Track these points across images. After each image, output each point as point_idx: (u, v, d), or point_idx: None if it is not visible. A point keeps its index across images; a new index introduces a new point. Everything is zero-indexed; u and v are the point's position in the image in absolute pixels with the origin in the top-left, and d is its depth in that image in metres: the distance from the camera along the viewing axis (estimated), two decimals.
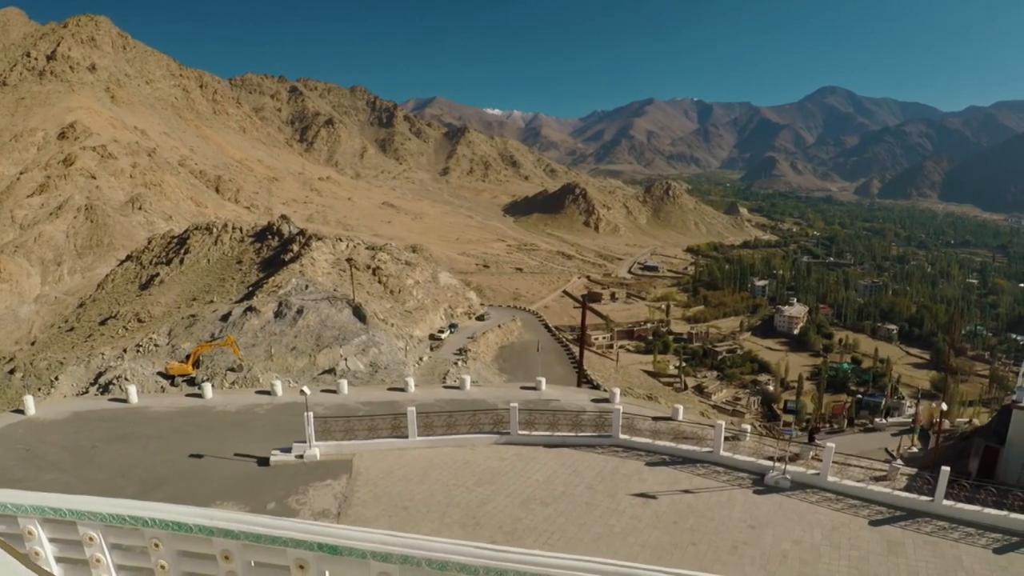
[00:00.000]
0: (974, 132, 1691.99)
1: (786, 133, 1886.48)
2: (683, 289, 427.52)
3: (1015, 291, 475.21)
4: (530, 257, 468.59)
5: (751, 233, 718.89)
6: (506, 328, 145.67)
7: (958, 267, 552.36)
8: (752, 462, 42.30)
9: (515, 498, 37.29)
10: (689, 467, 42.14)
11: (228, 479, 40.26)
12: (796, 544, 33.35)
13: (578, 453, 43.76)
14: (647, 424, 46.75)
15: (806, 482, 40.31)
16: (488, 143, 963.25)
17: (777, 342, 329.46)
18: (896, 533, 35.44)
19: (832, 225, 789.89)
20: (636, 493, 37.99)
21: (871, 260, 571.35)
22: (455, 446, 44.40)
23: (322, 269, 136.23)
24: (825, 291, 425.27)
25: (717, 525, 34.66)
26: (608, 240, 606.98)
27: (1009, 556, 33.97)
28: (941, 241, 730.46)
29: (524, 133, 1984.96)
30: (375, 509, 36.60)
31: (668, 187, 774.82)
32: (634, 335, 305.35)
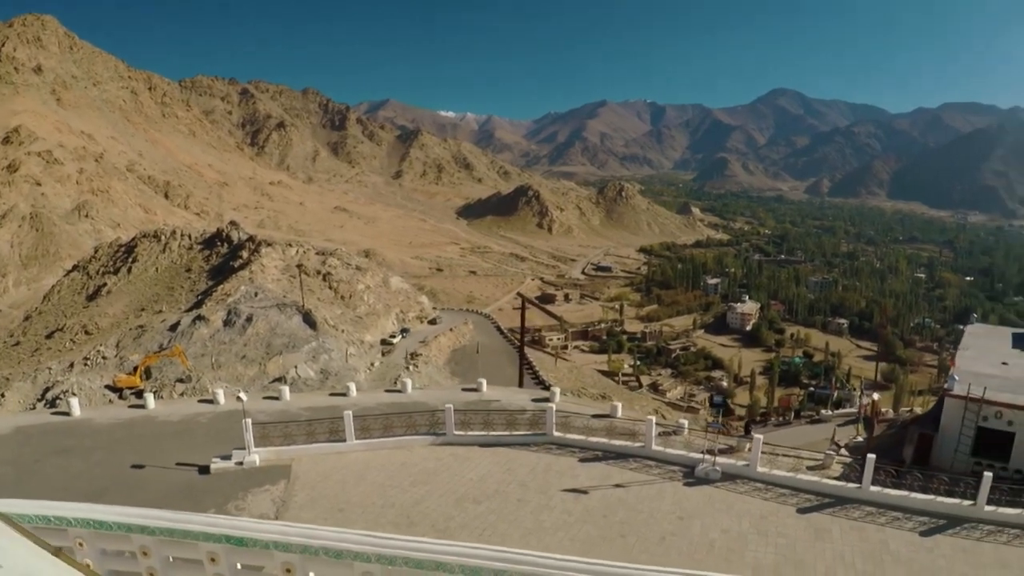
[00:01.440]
0: (921, 133, 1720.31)
1: (738, 134, 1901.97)
2: (636, 289, 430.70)
3: (961, 284, 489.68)
4: (483, 260, 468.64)
5: (703, 232, 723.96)
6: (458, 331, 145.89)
7: (906, 262, 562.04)
8: (683, 455, 42.97)
9: (449, 497, 37.70)
10: (622, 462, 42.76)
11: (169, 488, 40.27)
12: (724, 533, 34.12)
13: (513, 451, 44.27)
14: (585, 421, 47.19)
15: (736, 473, 41.15)
16: (441, 146, 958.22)
17: (730, 339, 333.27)
18: (823, 520, 36.40)
19: (783, 223, 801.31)
20: (568, 489, 38.53)
21: (821, 257, 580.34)
22: (392, 448, 44.61)
23: (272, 276, 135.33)
24: (776, 288, 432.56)
25: (646, 517, 35.33)
26: (561, 241, 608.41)
27: (935, 538, 35.09)
28: (889, 238, 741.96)
29: (478, 135, 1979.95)
30: (312, 512, 36.82)
31: (621, 188, 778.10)
32: (588, 335, 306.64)
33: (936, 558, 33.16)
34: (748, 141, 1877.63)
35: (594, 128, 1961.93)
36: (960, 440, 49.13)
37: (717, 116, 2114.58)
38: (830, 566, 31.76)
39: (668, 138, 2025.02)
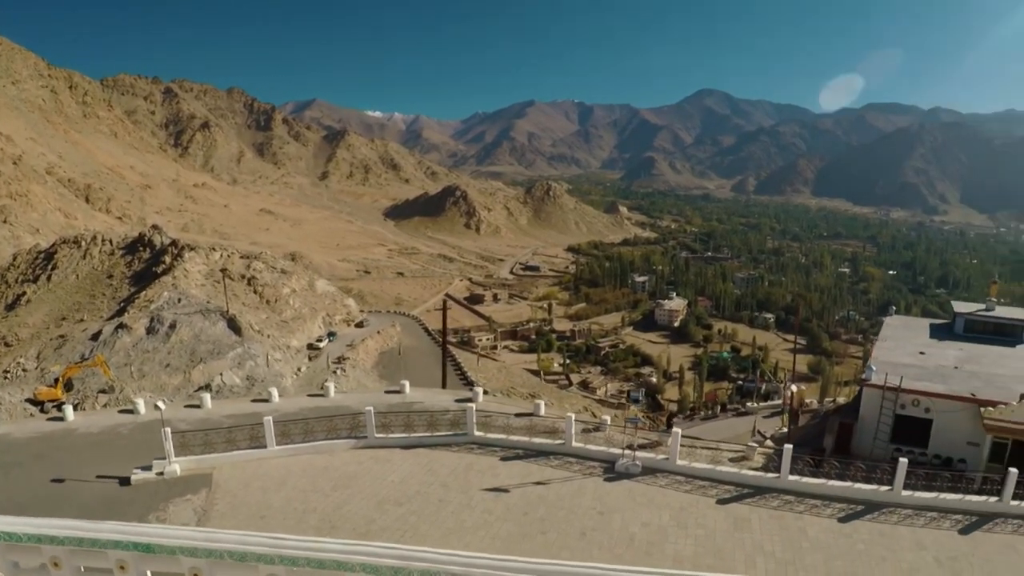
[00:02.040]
0: (845, 132, 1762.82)
1: (665, 134, 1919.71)
2: (565, 288, 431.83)
3: (884, 278, 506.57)
4: (411, 261, 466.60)
5: (631, 231, 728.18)
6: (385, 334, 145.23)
7: (830, 257, 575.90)
8: (604, 451, 43.35)
9: (370, 500, 37.47)
10: (543, 459, 42.96)
11: (90, 501, 39.43)
12: (644, 527, 34.44)
13: (434, 452, 44.19)
14: (507, 420, 47.38)
15: (656, 467, 41.59)
16: (368, 146, 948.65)
17: (659, 335, 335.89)
18: (743, 510, 36.99)
19: (710, 221, 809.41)
20: (489, 488, 38.61)
21: (747, 253, 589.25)
22: (313, 453, 44.24)
23: (196, 281, 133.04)
24: (704, 284, 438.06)
25: (567, 513, 35.50)
26: (489, 241, 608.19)
27: (854, 524, 35.89)
28: (814, 234, 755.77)
29: (405, 135, 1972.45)
30: (233, 520, 36.30)
31: (549, 188, 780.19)
32: (518, 335, 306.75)
33: (855, 543, 33.87)
34: (675, 140, 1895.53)
35: (522, 128, 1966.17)
36: (879, 428, 50.54)
37: (644, 116, 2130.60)
38: (749, 555, 32.30)
39: (596, 138, 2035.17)
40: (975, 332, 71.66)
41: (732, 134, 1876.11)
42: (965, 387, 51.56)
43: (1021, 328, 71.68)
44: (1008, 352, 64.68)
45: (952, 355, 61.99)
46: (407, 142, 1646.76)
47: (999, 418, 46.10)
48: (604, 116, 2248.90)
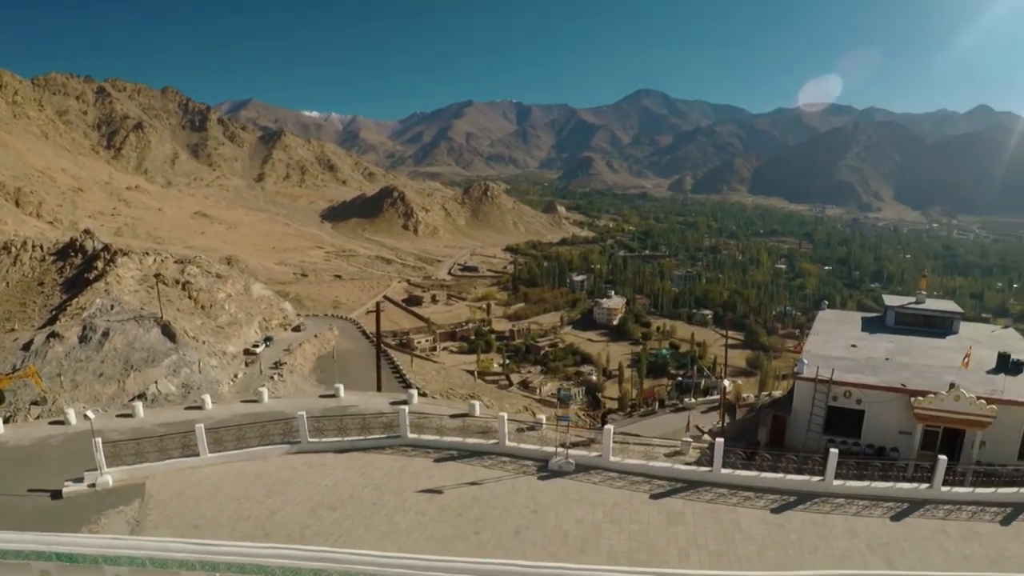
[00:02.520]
0: (781, 132, 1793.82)
1: (603, 133, 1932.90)
2: (503, 288, 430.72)
3: (820, 273, 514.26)
4: (349, 263, 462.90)
5: (569, 230, 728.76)
6: (323, 338, 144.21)
7: (767, 255, 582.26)
8: (537, 450, 43.52)
9: (304, 506, 37.13)
10: (477, 460, 43.01)
11: (21, 516, 38.30)
12: (578, 523, 34.61)
13: (368, 456, 43.94)
14: (442, 422, 47.39)
15: (590, 464, 41.85)
16: (305, 147, 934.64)
17: (598, 334, 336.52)
18: (676, 504, 37.39)
19: (647, 220, 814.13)
20: (423, 489, 38.48)
21: (685, 251, 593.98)
22: (247, 459, 43.68)
23: (129, 287, 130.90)
24: (642, 282, 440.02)
25: (501, 513, 35.58)
26: (427, 243, 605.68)
27: (786, 514, 36.56)
28: (751, 231, 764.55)
29: (342, 136, 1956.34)
30: (167, 530, 35.54)
31: (487, 188, 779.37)
32: (457, 336, 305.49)
33: (787, 533, 34.49)
34: (613, 140, 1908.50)
35: (460, 128, 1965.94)
36: (811, 420, 51.50)
37: (582, 116, 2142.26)
38: (683, 548, 32.61)
39: (534, 138, 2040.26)
40: (906, 324, 73.16)
41: (669, 134, 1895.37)
42: (896, 378, 52.80)
43: (950, 320, 73.40)
44: (938, 343, 66.32)
45: (883, 347, 63.42)
46: (344, 143, 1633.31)
47: (929, 407, 47.42)
48: (542, 116, 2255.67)
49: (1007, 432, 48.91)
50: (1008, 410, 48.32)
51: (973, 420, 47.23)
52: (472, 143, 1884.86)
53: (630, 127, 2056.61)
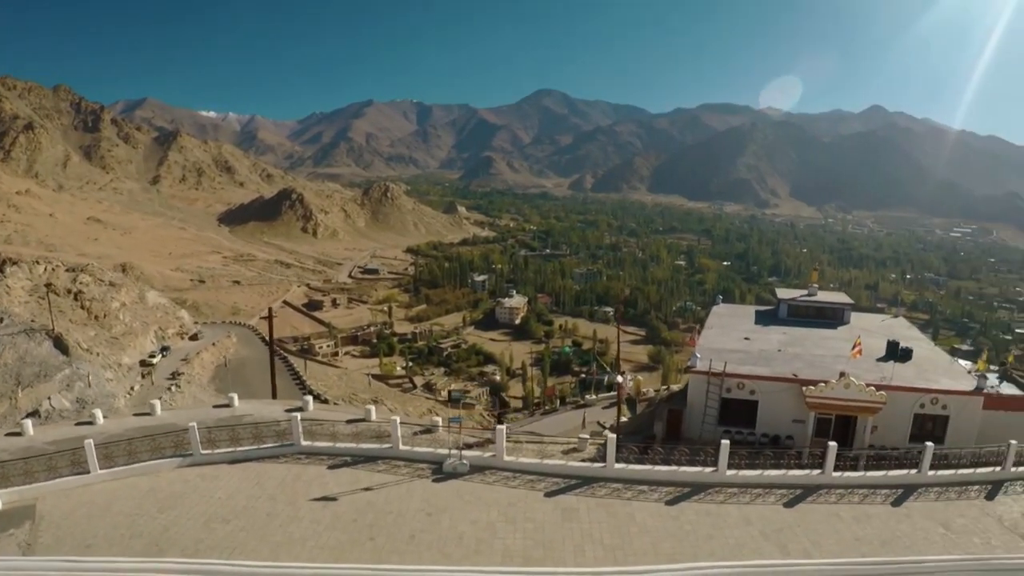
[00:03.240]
0: (680, 131, 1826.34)
1: (503, 133, 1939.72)
2: (405, 290, 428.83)
3: (720, 269, 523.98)
4: (247, 268, 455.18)
5: (470, 231, 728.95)
6: (221, 345, 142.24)
7: (667, 251, 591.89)
8: (431, 452, 43.27)
9: (198, 520, 36.07)
10: (371, 465, 42.52)
11: None
12: (473, 524, 34.45)
13: (261, 465, 43.07)
14: (336, 428, 46.78)
15: (484, 464, 41.77)
16: (202, 148, 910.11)
17: (500, 333, 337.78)
18: (571, 500, 37.49)
19: (548, 219, 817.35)
20: (317, 497, 37.86)
21: (586, 250, 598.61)
22: (139, 475, 42.30)
23: (19, 298, 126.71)
24: (543, 281, 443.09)
25: (395, 517, 35.18)
26: (327, 245, 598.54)
27: (680, 506, 37.04)
28: (651, 229, 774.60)
29: (240, 136, 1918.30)
30: (59, 551, 34.02)
31: (387, 189, 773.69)
32: (359, 340, 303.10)
33: (682, 524, 34.92)
34: (514, 140, 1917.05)
35: (360, 128, 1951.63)
36: (706, 412, 52.50)
37: (483, 116, 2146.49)
38: (578, 544, 32.68)
39: (434, 138, 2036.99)
40: (798, 316, 74.82)
41: (570, 133, 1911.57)
42: (788, 368, 54.22)
43: (841, 310, 75.21)
44: (829, 334, 67.94)
45: (776, 339, 64.78)
46: (242, 143, 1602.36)
47: (820, 395, 48.73)
48: (443, 116, 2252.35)
49: (897, 417, 50.71)
50: (897, 396, 50.04)
51: (864, 406, 48.70)
52: (372, 143, 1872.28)
53: (531, 127, 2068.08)
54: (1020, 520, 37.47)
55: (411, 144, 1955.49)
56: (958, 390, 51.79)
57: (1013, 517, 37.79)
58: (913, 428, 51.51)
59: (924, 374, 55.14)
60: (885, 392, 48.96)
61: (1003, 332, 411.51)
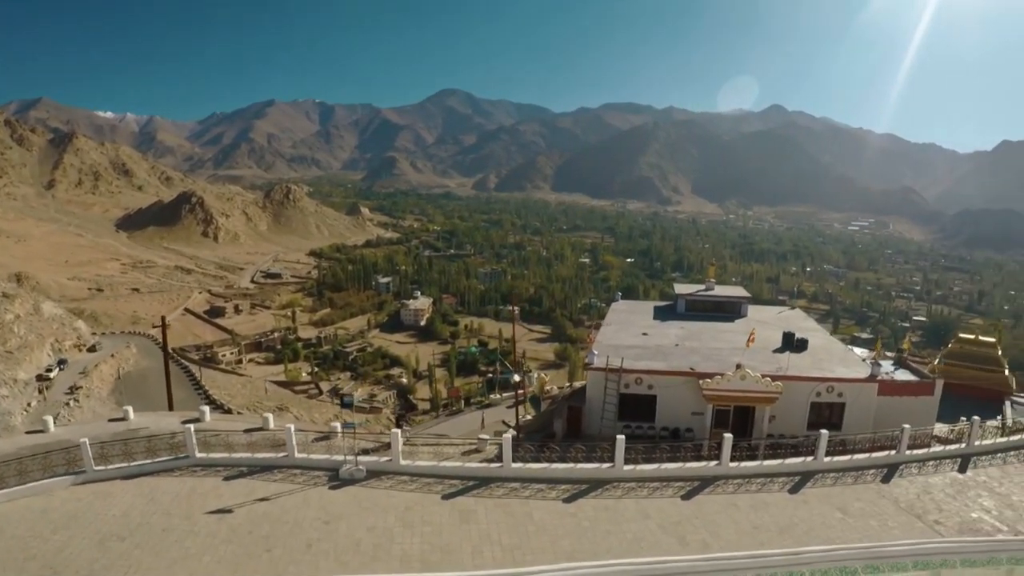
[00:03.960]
0: (583, 130, 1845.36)
1: (407, 133, 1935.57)
2: (308, 293, 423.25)
3: (623, 266, 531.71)
4: (147, 275, 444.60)
5: (373, 232, 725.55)
6: (120, 356, 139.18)
7: (571, 249, 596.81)
8: (327, 459, 42.74)
9: (92, 539, 35.00)
10: (268, 474, 41.84)
11: None
12: (370, 531, 34.11)
13: (156, 480, 41.93)
14: (235, 438, 45.88)
15: (380, 469, 41.40)
16: (99, 150, 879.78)
17: (406, 335, 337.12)
18: (469, 502, 37.41)
19: (452, 219, 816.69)
20: (213, 510, 37.06)
21: (490, 249, 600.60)
22: (31, 495, 40.76)
23: None
24: (448, 282, 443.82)
25: (292, 527, 34.70)
26: (229, 250, 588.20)
27: (579, 503, 37.24)
28: (554, 227, 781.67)
29: (139, 138, 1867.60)
30: None
31: (288, 191, 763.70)
32: (263, 346, 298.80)
33: (580, 521, 35.11)
34: (417, 140, 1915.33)
35: (261, 129, 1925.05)
36: (605, 408, 52.61)
37: (386, 116, 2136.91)
38: (476, 546, 32.62)
39: (337, 138, 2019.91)
40: (696, 311, 76.09)
41: (474, 133, 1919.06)
42: (685, 362, 54.83)
43: (738, 304, 76.61)
44: (726, 327, 69.09)
45: (674, 334, 65.71)
46: (141, 145, 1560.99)
47: (716, 388, 49.49)
48: (346, 116, 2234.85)
49: (795, 406, 51.98)
50: (792, 385, 51.09)
51: (760, 397, 49.62)
52: (274, 144, 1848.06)
53: (434, 127, 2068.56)
54: (916, 501, 38.95)
55: (314, 145, 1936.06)
56: (852, 378, 53.33)
57: (909, 498, 39.31)
58: (811, 416, 52.71)
59: (819, 363, 56.63)
60: (781, 382, 49.94)
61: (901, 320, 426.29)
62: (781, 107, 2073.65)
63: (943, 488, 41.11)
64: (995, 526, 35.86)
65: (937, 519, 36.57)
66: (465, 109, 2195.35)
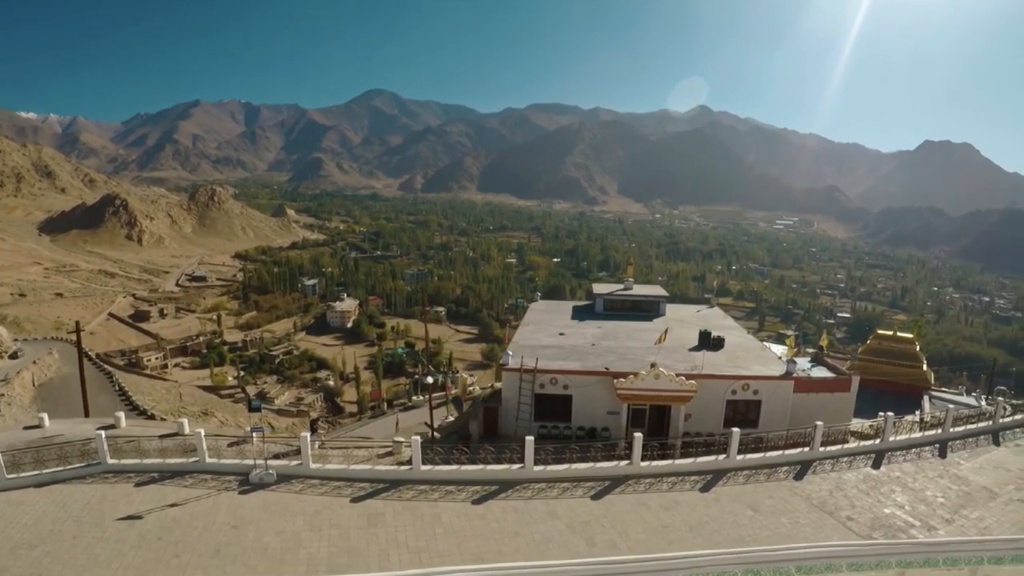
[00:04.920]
0: (509, 131, 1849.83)
1: (333, 134, 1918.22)
2: (234, 297, 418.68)
3: (550, 265, 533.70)
4: (71, 280, 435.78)
5: (299, 234, 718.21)
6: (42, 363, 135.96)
7: (497, 249, 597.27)
8: (237, 463, 42.52)
9: (3, 547, 34.54)
10: (179, 480, 41.41)
11: None
12: (278, 535, 34.04)
13: (69, 487, 41.40)
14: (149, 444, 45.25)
15: (291, 473, 41.31)
16: (20, 152, 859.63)
17: (332, 337, 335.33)
18: (377, 505, 37.46)
19: (378, 220, 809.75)
20: (123, 517, 36.64)
21: (416, 250, 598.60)
22: None
23: None
24: (374, 283, 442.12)
25: (201, 532, 34.50)
26: (153, 253, 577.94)
27: (488, 504, 37.48)
28: (481, 228, 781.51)
29: (62, 139, 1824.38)
30: None
31: (213, 193, 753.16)
32: (188, 351, 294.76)
33: (488, 522, 35.29)
34: (343, 141, 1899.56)
35: (186, 130, 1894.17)
36: (519, 409, 52.85)
37: (312, 116, 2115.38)
38: (383, 549, 32.67)
39: (262, 139, 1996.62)
40: (614, 311, 76.66)
41: (400, 134, 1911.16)
42: (600, 362, 55.37)
43: (656, 303, 77.24)
44: (644, 326, 69.68)
45: (591, 333, 66.38)
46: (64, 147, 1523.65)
47: (630, 387, 50.02)
48: (271, 117, 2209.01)
49: (711, 403, 52.66)
50: (707, 383, 51.84)
51: (675, 395, 50.21)
52: (199, 146, 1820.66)
53: (361, 127, 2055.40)
54: (828, 498, 39.61)
55: (239, 146, 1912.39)
56: (768, 375, 54.26)
57: (821, 495, 39.97)
58: (727, 414, 53.41)
59: (736, 361, 57.57)
60: (696, 381, 50.52)
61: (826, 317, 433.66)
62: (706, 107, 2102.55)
63: (856, 484, 41.83)
64: (908, 521, 36.62)
65: (849, 515, 37.18)
66: (391, 110, 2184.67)
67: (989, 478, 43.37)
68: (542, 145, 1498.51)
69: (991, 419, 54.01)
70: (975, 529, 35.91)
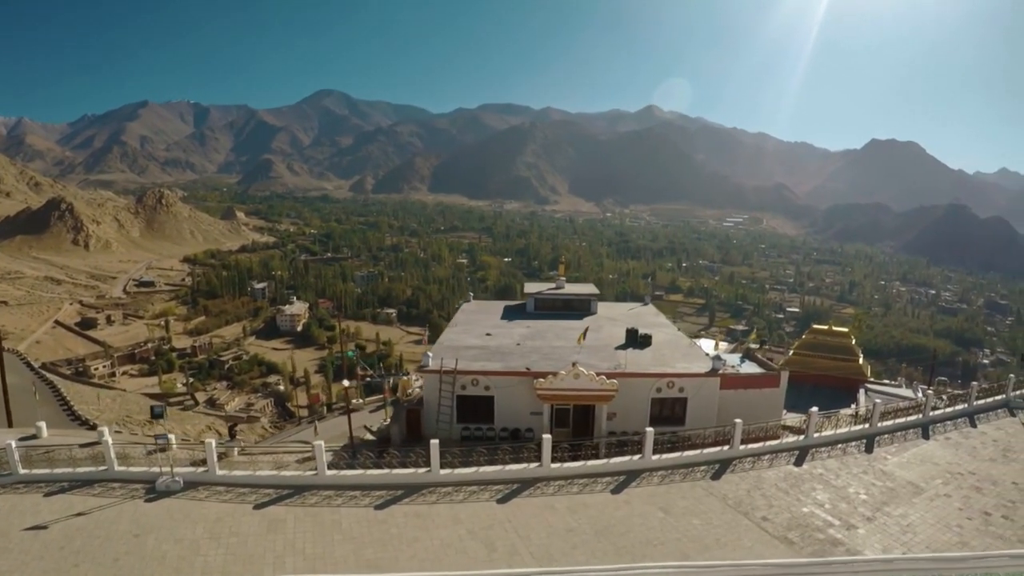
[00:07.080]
0: (460, 131, 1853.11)
1: (283, 135, 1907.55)
2: (182, 302, 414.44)
3: (501, 265, 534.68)
4: (15, 287, 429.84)
5: (249, 237, 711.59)
6: None
7: (448, 250, 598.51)
8: (145, 471, 42.02)
9: None
10: (88, 488, 40.91)
11: None
12: (177, 543, 33.71)
13: None
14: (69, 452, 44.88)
15: (197, 480, 40.93)
16: None
17: (282, 341, 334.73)
18: (279, 511, 37.17)
19: (329, 222, 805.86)
20: (29, 527, 36.23)
21: (367, 252, 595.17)
22: None
23: None
24: (324, 286, 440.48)
25: (103, 541, 34.08)
26: (100, 258, 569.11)
27: (390, 509, 37.11)
28: (432, 228, 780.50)
29: (6, 142, 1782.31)
30: None
31: (161, 195, 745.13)
32: (136, 358, 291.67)
33: (389, 528, 34.99)
34: (293, 142, 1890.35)
35: (134, 131, 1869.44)
36: (440, 410, 52.95)
37: (262, 117, 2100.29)
38: (280, 556, 32.42)
39: (212, 140, 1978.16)
40: (545, 310, 76.76)
41: (351, 134, 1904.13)
42: (524, 362, 55.20)
43: (587, 302, 77.40)
44: (573, 325, 69.45)
45: (519, 333, 66.30)
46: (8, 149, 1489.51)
47: (549, 387, 50.04)
48: (221, 117, 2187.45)
49: (636, 402, 52.74)
50: (630, 382, 51.93)
51: (596, 395, 50.30)
52: (147, 147, 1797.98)
53: (311, 128, 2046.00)
54: (745, 497, 39.12)
55: (188, 147, 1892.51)
56: (693, 372, 54.15)
57: (738, 495, 39.47)
58: (653, 412, 53.43)
59: (661, 359, 57.55)
60: (618, 379, 50.55)
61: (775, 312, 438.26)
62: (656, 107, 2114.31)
63: (776, 483, 41.29)
64: (827, 520, 36.14)
65: (765, 515, 36.77)
66: (342, 110, 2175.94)
67: (915, 473, 43.20)
68: (493, 145, 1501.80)
69: (921, 412, 53.95)
70: (898, 527, 35.57)
